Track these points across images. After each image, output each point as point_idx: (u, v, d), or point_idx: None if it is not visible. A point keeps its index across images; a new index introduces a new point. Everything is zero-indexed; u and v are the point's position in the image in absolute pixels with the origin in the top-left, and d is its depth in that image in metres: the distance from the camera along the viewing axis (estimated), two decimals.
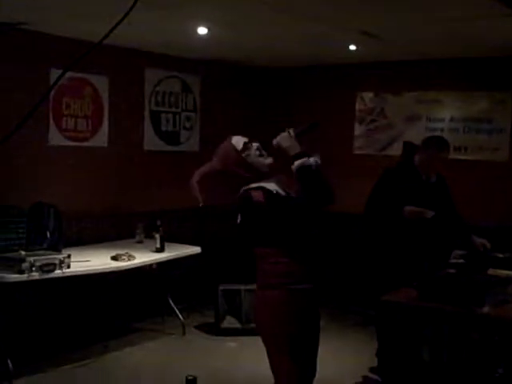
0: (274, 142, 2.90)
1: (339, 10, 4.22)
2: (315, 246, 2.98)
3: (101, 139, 5.86)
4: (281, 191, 2.89)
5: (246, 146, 2.95)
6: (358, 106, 6.81)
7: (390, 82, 6.58)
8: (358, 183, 5.85)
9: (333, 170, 6.19)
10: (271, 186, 2.89)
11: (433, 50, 5.78)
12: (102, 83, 5.82)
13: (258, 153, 2.95)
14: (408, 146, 5.33)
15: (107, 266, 4.85)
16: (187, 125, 6.71)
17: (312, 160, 2.83)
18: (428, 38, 5.20)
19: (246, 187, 2.91)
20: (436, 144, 4.43)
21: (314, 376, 3.10)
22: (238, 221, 2.95)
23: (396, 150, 6.05)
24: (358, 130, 6.83)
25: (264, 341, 2.97)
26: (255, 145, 2.95)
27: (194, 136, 6.80)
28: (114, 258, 4.98)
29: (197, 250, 5.69)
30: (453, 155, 5.38)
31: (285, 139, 2.89)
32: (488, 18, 4.22)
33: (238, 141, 2.97)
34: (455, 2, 3.90)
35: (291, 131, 2.89)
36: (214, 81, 6.92)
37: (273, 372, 2.96)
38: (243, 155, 2.93)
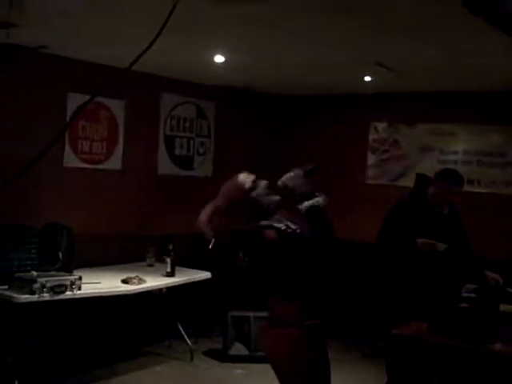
0: (280, 182, 2.96)
1: (356, 40, 4.26)
2: (326, 281, 3.01)
3: (115, 162, 5.90)
4: (290, 225, 2.92)
5: (254, 183, 2.97)
6: (371, 136, 6.83)
7: (403, 112, 6.59)
8: (370, 213, 5.85)
9: (345, 199, 6.41)
10: (280, 224, 2.92)
11: (447, 83, 5.79)
12: (118, 107, 5.87)
13: (266, 191, 2.98)
14: (421, 178, 5.35)
15: (117, 289, 4.86)
16: (201, 150, 6.75)
17: (320, 200, 2.90)
18: (443, 71, 5.22)
19: (256, 224, 2.93)
20: (450, 177, 4.44)
21: None
22: (244, 260, 3.05)
23: (408, 181, 6.02)
24: (371, 159, 6.84)
25: (280, 378, 2.97)
26: (263, 182, 2.99)
27: (208, 161, 6.83)
28: (125, 281, 4.98)
29: (207, 275, 5.71)
30: (466, 188, 5.35)
31: (291, 179, 2.96)
32: (502, 53, 4.23)
33: (245, 179, 3.00)
34: (470, 36, 3.91)
35: (297, 170, 2.97)
36: (228, 107, 6.95)
37: None
38: (252, 194, 2.96)
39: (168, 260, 5.40)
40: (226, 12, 3.50)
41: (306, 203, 2.90)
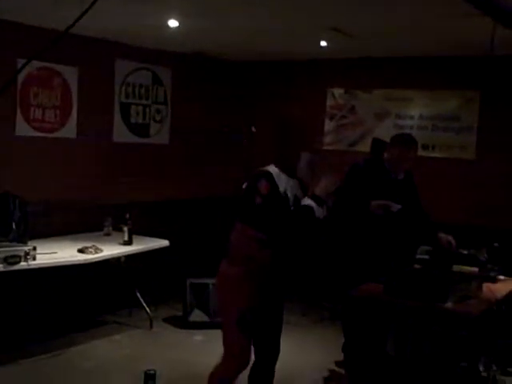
0: (324, 175, 3.17)
1: (311, 5, 4.23)
2: (291, 241, 3.20)
3: (69, 130, 5.81)
4: (289, 193, 3.12)
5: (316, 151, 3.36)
6: (328, 102, 6.85)
7: (360, 78, 6.62)
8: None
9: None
10: (283, 184, 3.10)
11: (403, 48, 5.82)
12: (71, 73, 5.75)
13: (312, 160, 3.25)
14: (377, 143, 5.46)
15: (74, 259, 4.82)
16: (157, 117, 6.70)
17: (320, 211, 3.06)
18: (399, 36, 5.24)
19: (262, 170, 3.11)
20: (403, 142, 4.44)
21: (276, 355, 3.31)
22: (243, 186, 3.19)
23: (366, 146, 6.08)
24: (329, 125, 6.87)
25: (220, 313, 3.26)
26: (319, 156, 3.34)
27: (164, 129, 6.78)
28: (81, 251, 4.94)
29: (165, 243, 5.71)
30: (421, 153, 5.44)
31: (328, 181, 3.16)
32: (458, 16, 4.25)
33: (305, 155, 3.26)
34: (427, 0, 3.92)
35: (336, 183, 3.21)
36: (185, 74, 6.90)
37: (224, 346, 3.24)
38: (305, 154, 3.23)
39: (125, 229, 5.37)
40: None
41: (310, 202, 3.05)
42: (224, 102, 7.25)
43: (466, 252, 4.37)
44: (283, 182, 3.09)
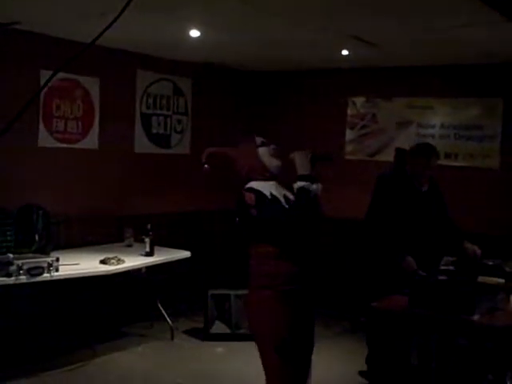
0: (291, 155, 3.03)
1: (333, 15, 4.23)
2: (306, 249, 3.06)
3: (91, 141, 5.83)
4: (277, 194, 3.01)
5: (263, 143, 3.13)
6: (349, 111, 6.78)
7: (381, 87, 6.56)
8: (349, 188, 5.82)
9: (324, 175, 6.39)
10: (267, 188, 3.00)
11: (424, 57, 5.78)
12: (92, 85, 5.78)
13: (272, 152, 3.11)
14: (400, 153, 5.39)
15: (96, 270, 4.81)
16: (178, 128, 6.70)
17: (314, 187, 2.96)
18: (420, 45, 5.20)
19: (244, 186, 3.03)
20: (423, 152, 4.44)
21: (307, 376, 3.15)
22: (236, 220, 3.09)
23: (387, 155, 6.05)
24: (350, 135, 6.80)
25: (255, 340, 3.05)
26: (273, 145, 3.14)
27: (185, 139, 6.78)
28: (103, 262, 4.93)
29: (186, 254, 5.68)
30: (444, 162, 5.49)
31: (301, 157, 3.02)
32: (480, 25, 4.22)
33: (258, 139, 3.16)
34: (448, 9, 3.90)
35: (309, 152, 3.02)
36: (205, 84, 6.89)
37: (265, 371, 3.03)
38: (259, 149, 3.11)
39: (147, 240, 5.36)
40: None
41: (299, 183, 2.97)
42: (243, 112, 7.20)
43: (491, 263, 4.28)
44: (265, 187, 3.01)
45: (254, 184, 3.03)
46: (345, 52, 5.62)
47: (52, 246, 4.92)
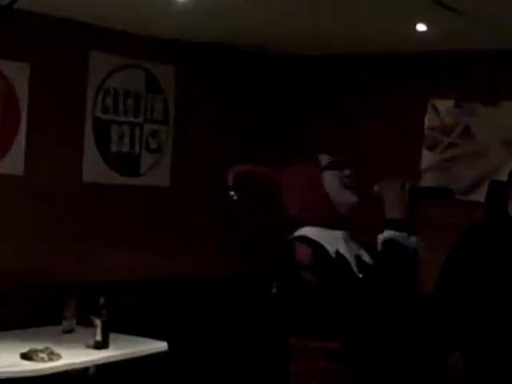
0: (376, 187, 2.54)
1: None
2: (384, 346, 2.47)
3: (13, 163, 4.74)
4: (345, 253, 2.41)
5: (332, 164, 2.56)
6: (428, 122, 5.56)
7: (480, 84, 5.41)
8: (425, 243, 4.51)
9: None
10: (332, 242, 2.43)
11: None
12: (19, 74, 4.71)
13: (347, 181, 2.53)
14: (496, 188, 4.62)
15: (15, 369, 3.99)
16: (153, 144, 5.46)
17: (411, 241, 2.38)
18: None
19: (294, 233, 2.53)
20: None
21: None
22: (273, 286, 2.98)
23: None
24: (428, 158, 5.58)
25: None
26: (348, 170, 2.58)
27: (164, 162, 5.55)
28: (27, 357, 4.14)
29: (162, 346, 4.64)
30: None
31: (392, 190, 2.48)
32: None
33: (324, 157, 2.62)
34: None
35: (407, 184, 2.48)
36: (196, 75, 5.70)
37: None
38: (324, 174, 2.55)
39: (97, 322, 4.38)
40: None
41: (388, 232, 2.37)
42: (259, 121, 6.01)
43: None
44: (329, 239, 2.44)
45: (309, 231, 2.48)
46: (421, 27, 4.58)
47: None
